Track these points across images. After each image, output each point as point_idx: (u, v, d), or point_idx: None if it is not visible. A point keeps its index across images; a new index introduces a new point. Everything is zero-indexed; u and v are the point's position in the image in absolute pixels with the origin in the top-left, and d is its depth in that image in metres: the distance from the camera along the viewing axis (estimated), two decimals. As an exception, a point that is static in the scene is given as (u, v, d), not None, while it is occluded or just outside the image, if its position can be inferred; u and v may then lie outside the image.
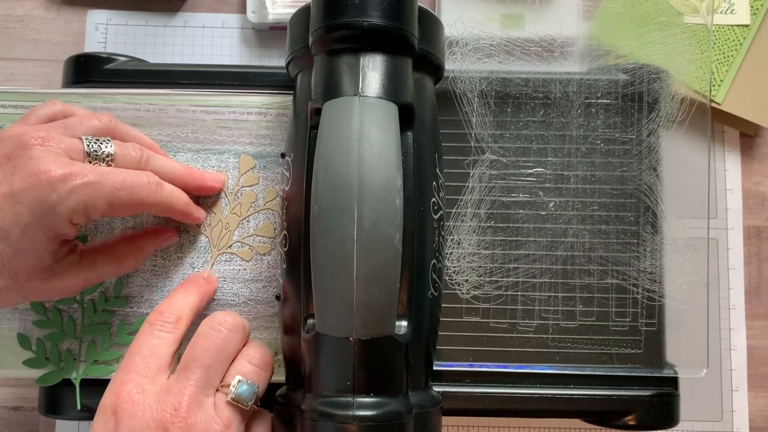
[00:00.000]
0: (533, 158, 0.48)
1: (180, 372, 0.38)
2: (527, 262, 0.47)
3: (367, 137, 0.37)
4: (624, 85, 0.49)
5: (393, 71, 0.39)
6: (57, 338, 0.46)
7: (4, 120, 0.47)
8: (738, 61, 0.56)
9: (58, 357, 0.46)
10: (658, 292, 0.47)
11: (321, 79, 0.40)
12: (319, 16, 0.40)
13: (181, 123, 0.48)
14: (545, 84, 0.49)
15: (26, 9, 0.59)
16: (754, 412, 0.55)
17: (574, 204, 0.48)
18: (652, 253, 0.47)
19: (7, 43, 0.59)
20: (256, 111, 0.48)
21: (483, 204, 0.48)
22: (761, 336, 0.56)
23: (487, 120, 0.48)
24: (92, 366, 0.46)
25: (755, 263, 0.57)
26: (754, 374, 0.56)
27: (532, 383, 0.46)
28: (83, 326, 0.46)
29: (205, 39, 0.59)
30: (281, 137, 0.48)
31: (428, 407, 0.40)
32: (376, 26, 0.39)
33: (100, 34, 0.59)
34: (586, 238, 0.47)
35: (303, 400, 0.38)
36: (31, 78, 0.59)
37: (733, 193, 0.57)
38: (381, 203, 0.36)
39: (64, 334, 0.46)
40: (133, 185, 0.39)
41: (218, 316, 0.40)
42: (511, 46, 0.50)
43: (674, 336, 0.47)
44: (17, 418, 0.55)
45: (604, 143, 0.48)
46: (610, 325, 0.47)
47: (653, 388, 0.46)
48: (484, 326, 0.47)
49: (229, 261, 0.47)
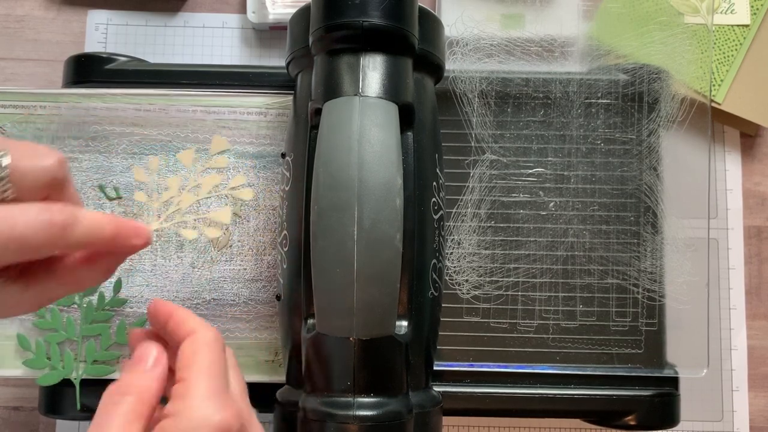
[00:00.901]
0: (533, 158, 0.48)
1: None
2: (527, 262, 0.47)
3: (367, 137, 0.37)
4: (624, 85, 0.49)
5: (393, 71, 0.39)
6: (57, 338, 0.46)
7: (4, 120, 0.47)
8: (738, 61, 0.56)
9: (59, 357, 0.46)
10: (659, 292, 0.47)
11: (321, 79, 0.40)
12: (319, 16, 0.40)
13: (181, 123, 0.48)
14: (545, 84, 0.49)
15: (26, 9, 0.59)
16: (755, 412, 0.55)
17: (575, 204, 0.48)
18: (652, 253, 0.47)
19: (7, 43, 0.59)
20: (256, 111, 0.48)
21: (483, 204, 0.48)
22: (761, 336, 0.56)
23: (488, 120, 0.48)
24: (92, 366, 0.46)
25: (755, 263, 0.57)
26: (754, 374, 0.56)
27: (533, 383, 0.46)
28: (83, 326, 0.46)
29: (206, 39, 0.59)
30: (281, 137, 0.48)
31: (428, 407, 0.40)
32: (377, 26, 0.39)
33: (101, 34, 0.59)
34: (586, 238, 0.47)
35: (303, 400, 0.38)
36: (31, 78, 0.58)
37: (734, 193, 0.57)
38: (381, 203, 0.36)
39: (64, 334, 0.46)
40: (22, 230, 0.27)
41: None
42: (512, 46, 0.50)
43: (674, 336, 0.47)
44: (17, 418, 0.55)
45: (604, 143, 0.48)
46: (610, 325, 0.47)
47: (653, 388, 0.46)
48: (484, 326, 0.47)
49: (229, 261, 0.47)
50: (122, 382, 0.31)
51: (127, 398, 0.30)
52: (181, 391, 0.31)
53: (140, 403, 0.30)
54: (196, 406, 0.30)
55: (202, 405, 0.30)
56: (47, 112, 0.48)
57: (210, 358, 0.32)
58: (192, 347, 0.32)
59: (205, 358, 0.32)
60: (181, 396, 0.30)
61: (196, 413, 0.30)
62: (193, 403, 0.30)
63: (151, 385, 0.31)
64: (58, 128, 0.48)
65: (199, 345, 0.32)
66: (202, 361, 0.32)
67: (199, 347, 0.32)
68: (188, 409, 0.30)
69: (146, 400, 0.31)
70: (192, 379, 0.31)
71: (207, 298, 0.46)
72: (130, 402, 0.30)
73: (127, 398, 0.30)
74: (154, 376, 0.32)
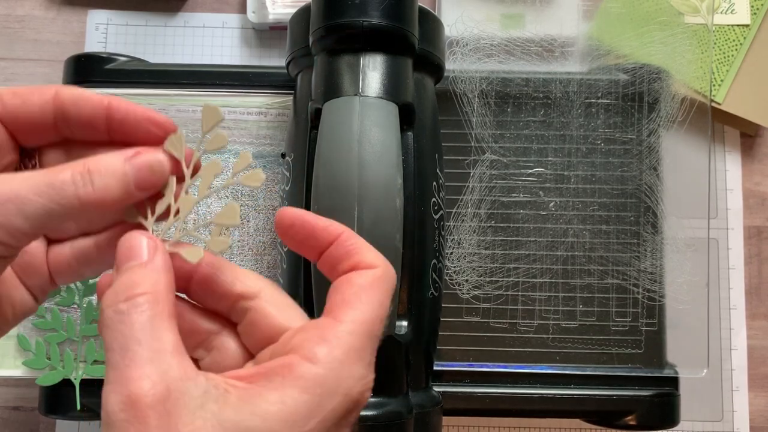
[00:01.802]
0: (534, 158, 0.48)
1: None
2: (527, 262, 0.47)
3: (367, 137, 0.37)
4: (624, 85, 0.49)
5: (393, 71, 0.39)
6: (57, 338, 0.46)
7: (4, 120, 0.47)
8: (738, 61, 0.56)
9: (58, 357, 0.46)
10: (659, 292, 0.47)
11: (321, 79, 0.40)
12: (319, 16, 0.40)
13: (181, 123, 0.48)
14: (546, 84, 0.49)
15: (26, 9, 0.59)
16: (755, 412, 0.55)
17: (575, 204, 0.48)
18: (652, 253, 0.47)
19: (7, 43, 0.59)
20: (256, 111, 0.48)
21: (483, 204, 0.48)
22: (761, 336, 0.56)
23: (488, 120, 0.48)
24: (92, 366, 0.46)
25: (755, 263, 0.57)
26: (754, 374, 0.56)
27: (533, 383, 0.46)
28: (83, 326, 0.46)
29: (206, 39, 0.59)
30: (281, 137, 0.48)
31: (428, 407, 0.40)
32: (377, 26, 0.39)
33: (101, 34, 0.59)
34: (586, 238, 0.47)
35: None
36: (31, 78, 0.58)
37: (734, 193, 0.57)
38: (381, 203, 0.36)
39: (64, 334, 0.46)
40: (53, 185, 0.24)
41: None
42: (512, 46, 0.50)
43: (675, 336, 0.47)
44: (17, 418, 0.55)
45: (604, 143, 0.48)
46: (610, 325, 0.47)
47: (654, 388, 0.46)
48: (484, 326, 0.47)
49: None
50: (120, 286, 0.24)
51: (139, 300, 0.23)
52: (330, 333, 0.24)
53: (157, 302, 0.24)
54: (348, 364, 0.24)
55: (354, 366, 0.24)
56: (47, 112, 0.48)
57: (379, 311, 0.25)
58: (364, 282, 0.26)
59: (374, 306, 0.25)
60: (328, 340, 0.24)
61: (345, 372, 0.24)
62: (344, 358, 0.24)
63: (158, 277, 0.24)
64: (58, 128, 0.47)
65: (375, 287, 0.26)
66: (369, 309, 0.25)
67: (375, 290, 0.26)
68: (336, 363, 0.23)
69: (163, 297, 0.24)
70: (349, 325, 0.24)
71: (207, 298, 0.46)
72: (146, 303, 0.23)
73: (139, 300, 0.23)
74: (156, 267, 0.25)
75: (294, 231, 0.27)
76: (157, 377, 0.22)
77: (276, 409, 0.22)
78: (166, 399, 0.22)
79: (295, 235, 0.27)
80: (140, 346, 0.22)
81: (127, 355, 0.22)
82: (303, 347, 0.24)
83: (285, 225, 0.27)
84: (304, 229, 0.27)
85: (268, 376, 0.23)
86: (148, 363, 0.22)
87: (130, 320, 0.23)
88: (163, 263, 0.25)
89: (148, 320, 0.23)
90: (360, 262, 0.26)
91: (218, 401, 0.22)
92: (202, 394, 0.22)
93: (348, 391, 0.23)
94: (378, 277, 0.26)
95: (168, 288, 0.24)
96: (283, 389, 0.23)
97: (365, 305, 0.25)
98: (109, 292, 0.24)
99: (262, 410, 0.22)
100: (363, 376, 0.24)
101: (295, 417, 0.22)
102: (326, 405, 0.23)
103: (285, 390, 0.23)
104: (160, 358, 0.22)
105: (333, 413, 0.23)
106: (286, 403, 0.22)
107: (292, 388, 0.23)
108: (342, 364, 0.24)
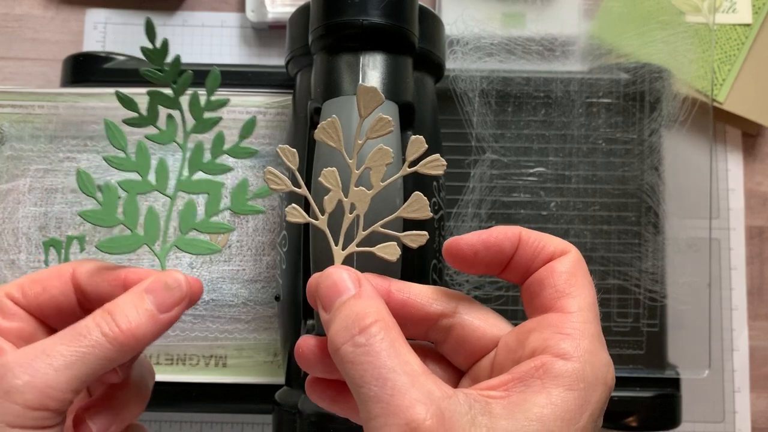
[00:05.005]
0: (534, 158, 0.48)
1: None
2: (528, 263, 0.47)
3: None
4: (626, 84, 0.49)
5: (393, 70, 0.39)
6: (139, 188, 0.43)
7: (3, 119, 0.47)
8: (740, 60, 0.56)
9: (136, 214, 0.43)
10: (660, 292, 0.47)
11: (321, 78, 0.40)
12: (318, 15, 0.40)
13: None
14: (546, 83, 0.48)
15: (24, 8, 0.59)
16: (756, 413, 0.55)
17: (576, 204, 0.47)
18: (653, 254, 0.47)
19: (5, 42, 0.59)
20: (256, 110, 0.48)
21: (484, 204, 0.47)
22: (763, 337, 0.56)
23: (488, 119, 0.48)
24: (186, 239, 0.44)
25: (757, 263, 0.57)
26: (756, 375, 0.55)
27: (533, 384, 0.46)
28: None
29: (204, 38, 0.59)
30: (280, 137, 0.48)
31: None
32: (377, 25, 0.39)
33: (99, 33, 0.58)
34: (587, 238, 0.47)
35: (303, 401, 0.38)
36: (30, 77, 0.58)
37: (735, 193, 0.57)
38: (381, 203, 0.36)
39: (153, 184, 0.44)
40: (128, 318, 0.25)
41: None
42: (512, 45, 0.50)
43: (676, 337, 0.47)
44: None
45: (605, 143, 0.48)
46: (611, 325, 0.47)
47: (655, 389, 0.46)
48: (484, 327, 0.47)
49: (228, 261, 0.46)
50: (346, 321, 0.24)
51: (373, 330, 0.23)
52: (567, 327, 0.24)
53: (389, 327, 0.24)
54: (596, 353, 0.24)
55: (602, 353, 0.24)
56: (45, 112, 0.47)
57: (593, 291, 0.26)
58: (567, 268, 0.26)
59: (588, 288, 0.26)
60: (569, 334, 0.24)
61: (597, 361, 0.24)
62: (591, 348, 0.24)
63: (378, 304, 0.25)
64: (57, 128, 0.47)
65: (579, 270, 0.26)
66: (586, 292, 0.25)
67: (582, 273, 0.26)
68: (588, 355, 0.23)
69: (392, 322, 0.24)
70: (579, 315, 0.24)
71: (206, 298, 0.46)
72: (381, 331, 0.23)
73: (373, 330, 0.23)
74: (370, 294, 0.25)
75: (480, 257, 0.27)
76: (426, 400, 0.22)
77: (549, 411, 0.22)
78: (442, 420, 0.22)
79: (483, 259, 0.27)
80: (396, 374, 0.22)
81: (387, 384, 0.22)
82: (548, 346, 0.24)
83: (468, 256, 0.27)
84: (491, 251, 0.26)
85: (525, 381, 0.23)
86: (412, 388, 0.22)
87: (375, 350, 0.23)
88: (372, 290, 0.25)
89: (390, 347, 0.23)
90: (554, 252, 0.26)
91: (485, 414, 0.22)
92: (468, 409, 0.22)
93: (605, 379, 0.24)
94: (576, 259, 0.26)
95: (389, 312, 0.25)
96: (547, 390, 0.23)
97: (581, 290, 0.25)
98: (336, 330, 0.24)
99: (536, 414, 0.22)
100: (610, 362, 0.24)
101: (569, 415, 0.22)
102: (591, 397, 0.23)
103: (550, 390, 0.23)
104: (418, 381, 0.22)
105: (598, 404, 0.23)
106: (557, 403, 0.22)
107: (556, 387, 0.23)
108: (592, 354, 0.24)
